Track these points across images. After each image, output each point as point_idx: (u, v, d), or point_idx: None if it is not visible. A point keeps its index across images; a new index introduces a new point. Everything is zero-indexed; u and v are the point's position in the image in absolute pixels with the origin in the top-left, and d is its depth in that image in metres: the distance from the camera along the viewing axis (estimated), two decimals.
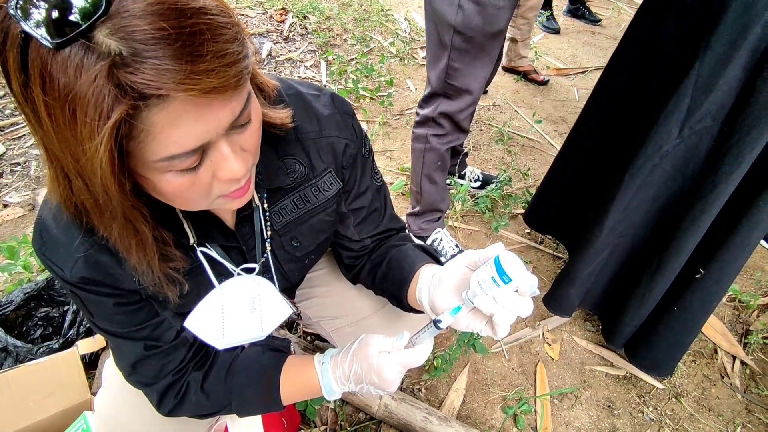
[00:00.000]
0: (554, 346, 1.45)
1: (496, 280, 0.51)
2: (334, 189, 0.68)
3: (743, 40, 0.85)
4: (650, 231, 1.15)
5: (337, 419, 1.22)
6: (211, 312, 0.64)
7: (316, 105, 0.65)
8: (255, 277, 0.67)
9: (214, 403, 0.68)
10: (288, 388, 0.69)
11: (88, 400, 1.06)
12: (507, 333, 0.54)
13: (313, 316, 0.96)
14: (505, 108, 2.48)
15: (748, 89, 0.89)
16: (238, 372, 0.70)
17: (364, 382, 0.64)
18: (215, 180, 0.45)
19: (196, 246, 0.60)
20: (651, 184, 1.07)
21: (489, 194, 1.85)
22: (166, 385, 0.65)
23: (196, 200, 0.46)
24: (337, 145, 0.66)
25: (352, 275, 0.84)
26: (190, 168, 0.42)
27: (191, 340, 0.66)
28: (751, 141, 0.90)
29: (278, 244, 0.69)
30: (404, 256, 0.73)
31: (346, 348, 0.68)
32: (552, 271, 1.67)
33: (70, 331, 1.21)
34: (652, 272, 1.14)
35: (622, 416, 1.30)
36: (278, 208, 0.66)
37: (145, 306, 0.60)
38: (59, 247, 0.53)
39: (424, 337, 0.62)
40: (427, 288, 0.63)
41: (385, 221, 0.79)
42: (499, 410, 1.29)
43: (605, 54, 3.04)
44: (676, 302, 1.16)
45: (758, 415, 1.33)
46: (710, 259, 1.08)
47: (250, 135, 0.46)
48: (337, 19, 3.14)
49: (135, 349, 0.62)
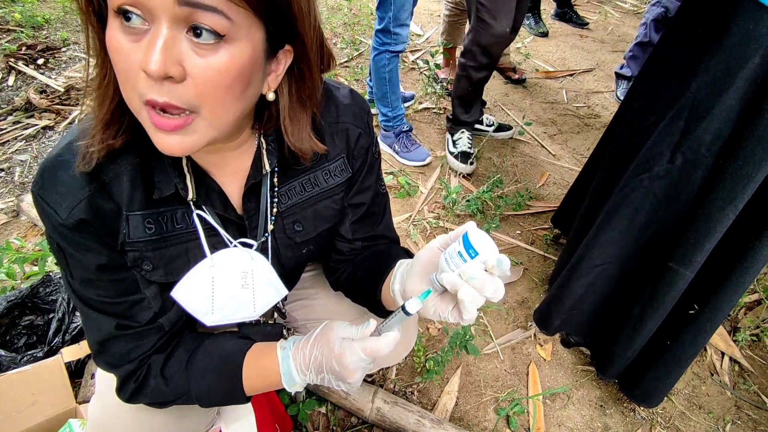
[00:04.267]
0: (546, 346, 1.45)
1: (463, 254, 0.49)
2: (344, 176, 0.68)
3: (741, 68, 0.83)
4: (641, 261, 1.11)
5: (329, 424, 1.21)
6: (201, 283, 0.62)
7: (336, 93, 0.67)
8: (250, 251, 0.65)
9: (173, 389, 0.64)
10: (250, 375, 0.65)
11: (73, 409, 1.04)
12: (474, 317, 0.50)
13: (301, 319, 0.95)
14: (495, 110, 2.50)
15: (745, 121, 0.86)
16: (200, 357, 0.66)
17: (324, 370, 0.59)
18: (140, 69, 0.42)
19: (193, 206, 0.59)
20: (641, 209, 1.04)
21: (480, 196, 1.86)
22: (130, 370, 0.63)
23: (124, 79, 0.44)
24: (351, 132, 0.67)
25: (334, 278, 0.82)
26: (128, 24, 0.41)
27: (166, 328, 0.64)
28: (746, 176, 0.87)
29: (280, 226, 0.67)
30: (386, 254, 0.72)
31: (310, 333, 0.63)
32: (543, 272, 1.68)
33: (55, 340, 1.18)
34: (644, 304, 1.11)
35: (613, 415, 1.31)
36: (286, 189, 0.65)
37: (127, 276, 0.59)
38: (60, 187, 0.52)
39: (391, 325, 0.57)
40: (400, 276, 0.61)
41: (381, 228, 0.78)
42: (491, 412, 1.29)
43: (593, 56, 3.08)
44: (669, 336, 1.13)
45: (747, 412, 1.34)
46: (705, 298, 1.04)
47: (206, 65, 0.42)
48: (327, 23, 3.14)
49: (106, 325, 0.60)
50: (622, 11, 3.76)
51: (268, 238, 0.67)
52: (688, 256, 0.99)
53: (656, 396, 1.21)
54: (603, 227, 1.11)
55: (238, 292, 0.66)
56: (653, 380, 1.18)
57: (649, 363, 1.18)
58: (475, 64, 1.83)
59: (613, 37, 3.35)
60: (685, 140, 0.93)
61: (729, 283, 0.99)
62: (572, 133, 2.40)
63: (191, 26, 0.41)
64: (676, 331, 1.11)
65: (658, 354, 1.15)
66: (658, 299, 1.07)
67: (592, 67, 2.95)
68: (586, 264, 1.17)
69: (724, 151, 0.90)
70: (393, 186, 1.96)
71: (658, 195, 1.01)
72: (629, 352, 1.18)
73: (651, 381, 1.19)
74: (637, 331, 1.13)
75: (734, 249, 0.97)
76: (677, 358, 1.13)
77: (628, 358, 1.20)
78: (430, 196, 1.95)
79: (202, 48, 0.42)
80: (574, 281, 1.20)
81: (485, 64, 1.83)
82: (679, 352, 1.12)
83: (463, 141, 2.06)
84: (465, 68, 1.87)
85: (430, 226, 1.80)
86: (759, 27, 0.80)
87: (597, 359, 1.33)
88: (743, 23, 0.81)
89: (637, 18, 3.66)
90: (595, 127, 2.44)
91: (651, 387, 1.19)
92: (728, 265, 0.98)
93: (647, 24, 2.38)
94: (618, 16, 3.67)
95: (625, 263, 1.14)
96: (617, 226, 1.09)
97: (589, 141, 2.33)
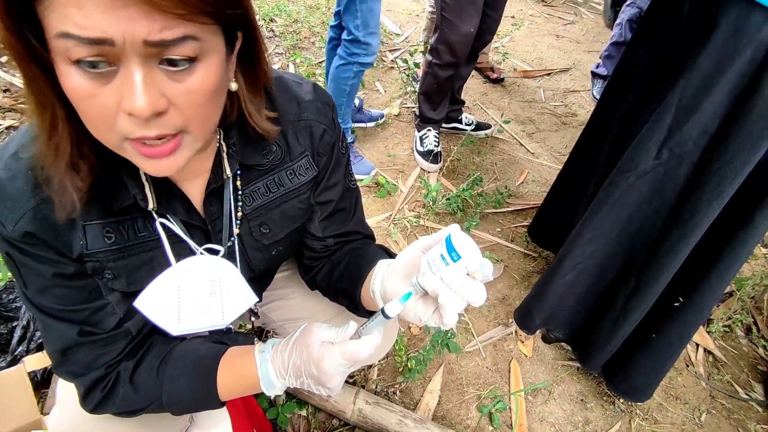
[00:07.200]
0: (527, 343, 1.46)
1: (445, 257, 0.48)
2: (309, 174, 0.67)
3: (731, 62, 0.82)
4: (624, 255, 1.11)
5: (310, 427, 1.18)
6: (166, 292, 0.59)
7: (297, 90, 0.65)
8: (217, 258, 0.63)
9: (143, 396, 0.61)
10: (226, 380, 0.62)
11: (38, 421, 0.99)
12: (454, 321, 0.49)
13: (278, 319, 0.92)
14: (474, 109, 2.51)
15: (733, 116, 0.85)
16: (173, 361, 0.63)
17: (303, 375, 0.58)
18: (121, 110, 0.40)
19: (155, 215, 0.56)
20: (625, 205, 1.03)
21: (460, 194, 1.86)
22: (96, 378, 0.59)
23: (100, 123, 0.42)
24: (315, 128, 0.65)
25: (309, 277, 0.80)
26: (93, 70, 0.38)
27: (134, 333, 0.61)
28: (733, 171, 0.87)
29: (246, 229, 0.65)
30: (364, 253, 0.70)
31: (289, 336, 0.62)
32: (523, 269, 1.69)
33: (19, 348, 1.12)
34: (628, 295, 1.11)
35: (594, 409, 1.32)
36: (250, 191, 0.63)
37: (88, 284, 0.56)
38: (5, 200, 0.49)
39: (371, 328, 0.56)
40: (380, 277, 0.60)
41: (352, 223, 0.76)
42: (474, 409, 1.28)
43: (569, 56, 3.13)
44: (654, 330, 1.13)
45: (721, 401, 1.37)
46: (690, 289, 1.05)
47: (187, 90, 0.42)
48: (305, 21, 3.11)
49: (68, 332, 0.56)
50: (597, 13, 3.83)
51: (234, 242, 0.65)
52: (673, 250, 0.99)
53: (644, 391, 1.22)
54: (586, 226, 1.12)
55: (206, 299, 0.64)
56: (641, 375, 1.19)
57: (634, 357, 1.18)
58: (440, 62, 1.83)
59: (588, 38, 3.41)
60: (673, 136, 0.92)
61: (715, 275, 1.00)
62: (550, 131, 2.43)
63: (165, 59, 0.40)
64: (661, 324, 1.12)
65: (644, 348, 1.16)
66: (642, 291, 1.08)
67: (568, 67, 3.00)
68: (568, 262, 1.17)
69: (711, 146, 0.89)
70: (371, 186, 1.95)
71: (643, 191, 1.00)
72: (611, 344, 1.19)
73: (638, 376, 1.19)
74: (620, 323, 1.14)
75: (718, 241, 0.98)
76: (664, 352, 1.14)
77: (610, 350, 1.21)
78: (410, 194, 1.94)
79: (178, 74, 0.41)
80: (556, 280, 1.20)
81: (450, 63, 1.82)
82: (666, 345, 1.13)
83: (429, 139, 2.06)
84: (431, 66, 1.88)
85: (411, 225, 1.79)
86: (749, 22, 0.79)
87: (579, 351, 1.34)
88: (733, 18, 0.81)
89: None
90: (573, 125, 2.48)
91: (638, 381, 1.20)
92: (713, 257, 0.99)
93: (622, 24, 2.43)
94: (593, 18, 3.74)
95: (608, 260, 1.14)
96: (601, 224, 1.09)
97: (566, 139, 2.36)
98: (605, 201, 1.05)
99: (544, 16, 3.68)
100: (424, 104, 2.03)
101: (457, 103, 2.21)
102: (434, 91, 1.96)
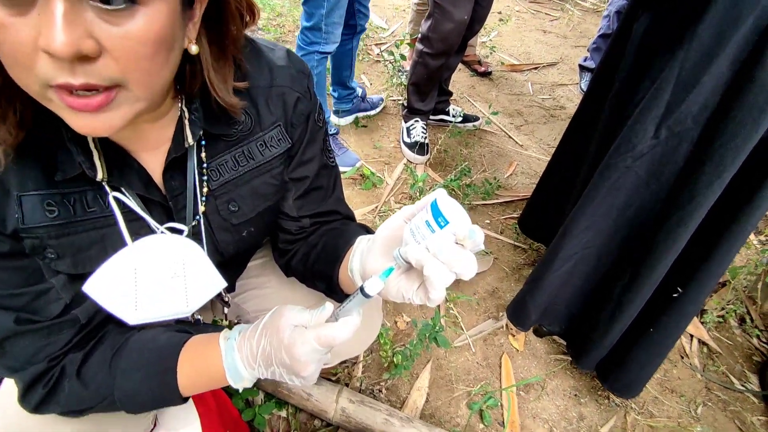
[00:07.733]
0: (519, 336, 1.41)
1: (431, 224, 0.42)
2: (282, 146, 0.60)
3: (733, 31, 0.77)
4: (620, 243, 1.06)
5: (290, 428, 1.11)
6: (120, 275, 0.52)
7: (270, 55, 0.59)
8: (180, 237, 0.56)
9: (93, 392, 0.54)
10: (187, 372, 0.56)
11: None
12: (442, 297, 0.44)
13: (252, 310, 0.85)
14: (461, 101, 2.47)
15: (734, 89, 0.80)
16: (127, 352, 0.56)
17: (274, 363, 0.51)
18: (39, 49, 0.34)
19: (107, 187, 0.50)
20: (621, 188, 0.98)
21: (448, 185, 1.80)
22: (37, 373, 0.52)
23: (15, 63, 0.36)
24: (288, 96, 0.59)
25: (284, 261, 0.73)
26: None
27: (83, 321, 0.54)
28: (734, 148, 0.81)
29: (213, 207, 0.59)
30: (342, 232, 0.64)
31: (258, 321, 0.56)
32: (513, 261, 1.64)
33: None
34: (625, 286, 1.05)
35: (588, 404, 1.27)
36: (216, 164, 0.57)
37: (27, 265, 0.49)
38: None
39: (350, 308, 0.50)
40: (360, 254, 0.54)
41: (330, 203, 0.70)
42: (464, 406, 1.22)
43: (556, 51, 3.11)
44: (651, 323, 1.08)
45: (717, 393, 1.33)
46: (688, 278, 0.99)
47: (123, 35, 0.36)
48: (289, 15, 3.05)
49: (3, 320, 0.49)
50: (583, 9, 3.84)
51: (200, 221, 0.58)
52: (672, 235, 0.94)
53: (637, 386, 1.18)
54: (581, 213, 1.06)
55: (167, 283, 0.56)
56: (636, 370, 1.14)
57: (630, 353, 1.13)
58: (431, 51, 1.79)
59: (575, 33, 3.40)
60: (671, 113, 0.87)
61: (713, 261, 0.95)
62: (538, 123, 2.39)
63: None
64: (659, 316, 1.06)
65: (641, 343, 1.11)
66: (639, 281, 1.03)
67: (556, 61, 2.98)
68: (564, 253, 1.11)
69: (711, 123, 0.84)
70: (356, 178, 1.88)
71: (640, 173, 0.94)
72: (608, 339, 1.13)
73: (633, 371, 1.14)
74: (616, 316, 1.08)
75: (716, 226, 0.92)
76: (660, 345, 1.10)
77: (606, 346, 1.15)
78: (396, 186, 1.88)
79: (113, 15, 0.35)
80: (551, 272, 1.14)
81: (442, 52, 1.79)
82: (662, 338, 1.08)
83: (417, 131, 2.02)
84: (422, 55, 1.83)
85: None
86: None
87: (573, 349, 1.28)
88: None
89: (597, 15, 3.74)
90: (561, 118, 2.45)
91: (633, 377, 1.15)
92: (711, 241, 0.94)
93: (610, 16, 2.41)
94: (579, 14, 3.74)
95: (605, 248, 1.08)
96: (597, 210, 1.03)
97: (555, 131, 2.33)
98: (602, 185, 1.00)
99: (531, 12, 3.67)
100: (413, 95, 1.98)
101: (444, 95, 2.17)
102: (424, 81, 1.92)
